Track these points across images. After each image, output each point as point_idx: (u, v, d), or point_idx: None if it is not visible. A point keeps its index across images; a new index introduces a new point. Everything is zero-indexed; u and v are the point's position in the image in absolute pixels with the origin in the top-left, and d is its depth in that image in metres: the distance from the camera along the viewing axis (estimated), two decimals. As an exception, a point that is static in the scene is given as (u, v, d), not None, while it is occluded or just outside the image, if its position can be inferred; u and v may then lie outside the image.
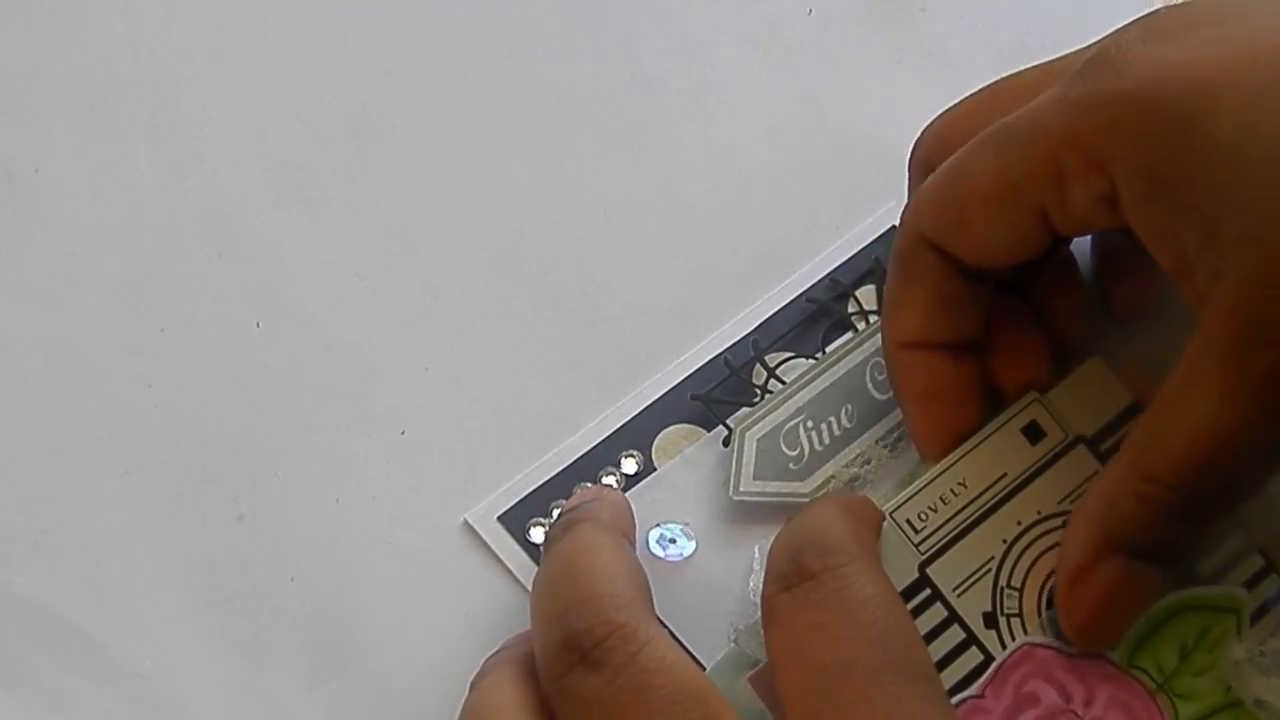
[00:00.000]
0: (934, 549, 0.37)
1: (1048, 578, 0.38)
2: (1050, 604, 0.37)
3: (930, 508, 0.38)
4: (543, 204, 0.49)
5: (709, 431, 0.42)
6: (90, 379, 0.46)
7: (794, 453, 0.40)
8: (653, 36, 0.51)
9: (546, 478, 0.42)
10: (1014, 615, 0.37)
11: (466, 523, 0.42)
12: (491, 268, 0.48)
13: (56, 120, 0.49)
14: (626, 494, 0.41)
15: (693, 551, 0.40)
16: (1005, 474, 0.39)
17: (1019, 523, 0.38)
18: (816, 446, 0.40)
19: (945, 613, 0.37)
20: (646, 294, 0.47)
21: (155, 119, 0.49)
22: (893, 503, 0.38)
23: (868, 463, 0.41)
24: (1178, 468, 0.34)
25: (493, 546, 0.41)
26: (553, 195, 0.49)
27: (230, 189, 0.49)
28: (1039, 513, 0.38)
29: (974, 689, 0.36)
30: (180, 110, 0.50)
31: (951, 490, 0.38)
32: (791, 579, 0.34)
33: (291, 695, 0.42)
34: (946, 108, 0.43)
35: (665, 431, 0.41)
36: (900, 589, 0.37)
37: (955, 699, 0.36)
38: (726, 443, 0.41)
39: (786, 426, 0.41)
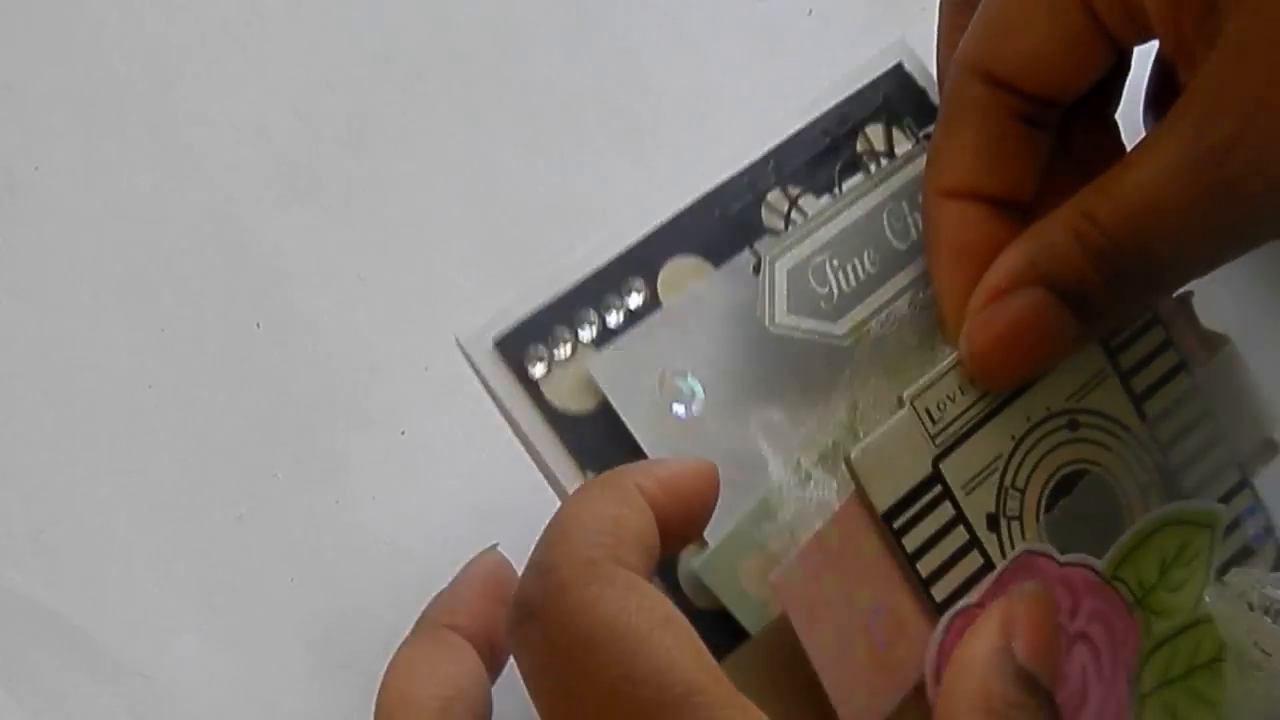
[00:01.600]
0: (949, 443, 0.35)
1: (1048, 480, 0.37)
2: (1049, 508, 0.36)
3: (949, 397, 0.36)
4: (542, 203, 0.49)
5: (717, 266, 0.37)
6: (90, 379, 0.46)
7: (824, 290, 0.37)
8: (653, 36, 0.51)
9: (547, 300, 0.36)
10: (1015, 518, 0.36)
11: (458, 343, 0.36)
12: (491, 267, 0.48)
13: (56, 120, 0.49)
14: (632, 329, 0.36)
15: (701, 408, 0.36)
16: None
17: (1028, 419, 0.36)
18: (844, 288, 0.37)
19: (953, 511, 0.35)
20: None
21: (155, 119, 0.49)
22: (914, 389, 0.35)
23: (890, 318, 0.37)
24: (1116, 215, 0.33)
25: (486, 376, 0.35)
26: (552, 194, 0.49)
27: (230, 189, 0.49)
28: (1048, 409, 0.36)
29: (973, 597, 0.35)
30: (180, 110, 0.50)
31: (971, 379, 0.36)
32: (523, 610, 0.29)
33: (291, 695, 0.42)
34: None
35: (671, 262, 0.37)
36: (913, 485, 0.35)
37: (955, 608, 0.35)
38: (756, 269, 0.36)
39: (814, 262, 0.37)
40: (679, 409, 0.36)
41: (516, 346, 0.34)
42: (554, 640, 0.28)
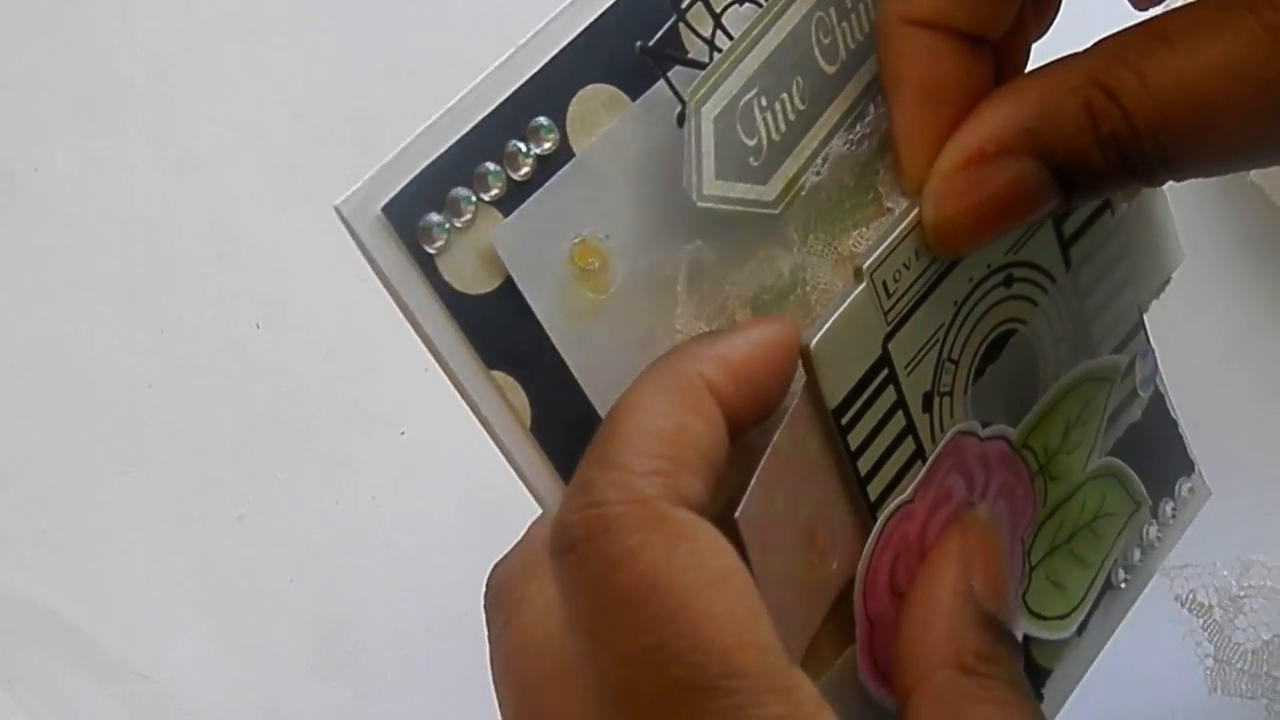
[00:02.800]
0: (898, 319, 0.31)
1: (980, 345, 0.33)
2: (978, 375, 0.32)
3: (905, 264, 0.31)
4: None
5: (634, 98, 0.30)
6: (90, 379, 0.46)
7: (752, 142, 0.30)
8: (653, 36, 0.51)
9: (439, 151, 0.28)
10: (946, 394, 0.32)
11: (339, 215, 0.29)
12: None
13: (56, 120, 0.49)
14: (542, 190, 0.28)
15: (618, 282, 0.29)
16: None
17: (970, 279, 0.32)
18: (773, 135, 0.31)
19: (895, 396, 0.31)
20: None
21: (155, 119, 0.49)
22: (873, 259, 0.30)
23: (825, 161, 0.31)
24: (1146, 100, 0.28)
25: (371, 251, 0.28)
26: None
27: (230, 189, 0.49)
28: (989, 266, 0.32)
29: (907, 493, 0.31)
30: (180, 110, 0.50)
31: (925, 243, 0.31)
32: (563, 540, 0.26)
33: (291, 695, 0.42)
34: None
35: (581, 93, 0.29)
36: (863, 372, 0.30)
37: (889, 507, 0.31)
38: (681, 119, 0.30)
39: (741, 103, 0.30)
40: (587, 285, 0.29)
41: (408, 214, 0.27)
42: (591, 585, 0.25)
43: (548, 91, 0.29)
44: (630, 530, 0.25)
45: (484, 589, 0.29)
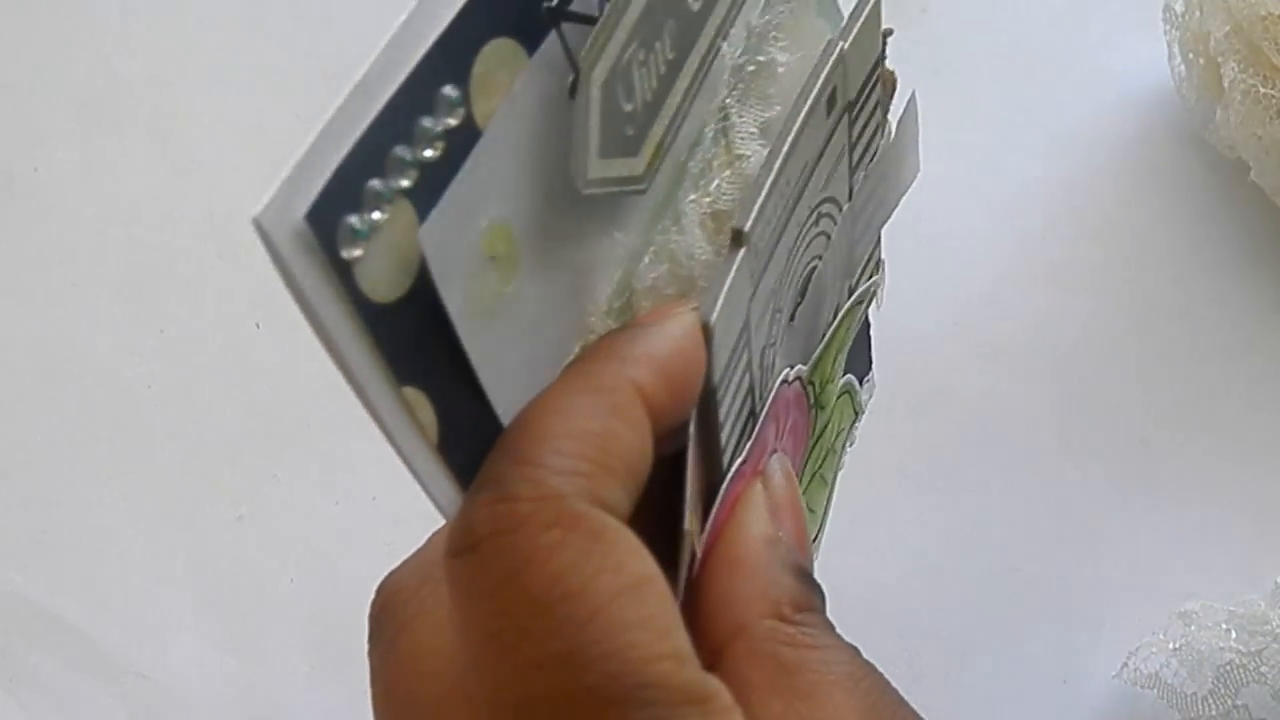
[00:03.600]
0: (757, 279, 0.29)
1: (798, 290, 0.31)
2: (790, 320, 0.30)
3: (769, 221, 0.28)
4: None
5: (531, 51, 0.25)
6: (90, 379, 0.46)
7: (629, 107, 0.27)
8: None
9: (353, 139, 0.24)
10: (772, 345, 0.30)
11: (259, 229, 0.22)
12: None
13: (56, 120, 0.49)
14: (460, 175, 0.24)
15: (518, 273, 0.25)
16: (807, 160, 0.29)
17: (800, 225, 0.30)
18: (646, 95, 0.27)
19: (746, 358, 0.29)
20: None
21: (155, 119, 0.49)
22: (751, 220, 0.27)
23: (684, 117, 0.28)
24: None
25: (294, 270, 0.23)
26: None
27: (230, 189, 0.49)
28: (810, 208, 0.30)
29: (743, 455, 0.29)
30: (180, 110, 0.50)
31: (782, 193, 0.28)
32: (465, 538, 0.24)
33: (291, 695, 0.42)
34: None
35: (485, 50, 0.25)
36: (734, 339, 0.28)
37: (729, 474, 0.29)
38: (573, 91, 0.26)
39: (622, 62, 0.26)
40: (495, 275, 0.26)
41: (329, 219, 0.23)
42: (495, 586, 0.23)
43: (453, 54, 0.25)
44: (543, 528, 0.23)
45: (372, 599, 0.27)
